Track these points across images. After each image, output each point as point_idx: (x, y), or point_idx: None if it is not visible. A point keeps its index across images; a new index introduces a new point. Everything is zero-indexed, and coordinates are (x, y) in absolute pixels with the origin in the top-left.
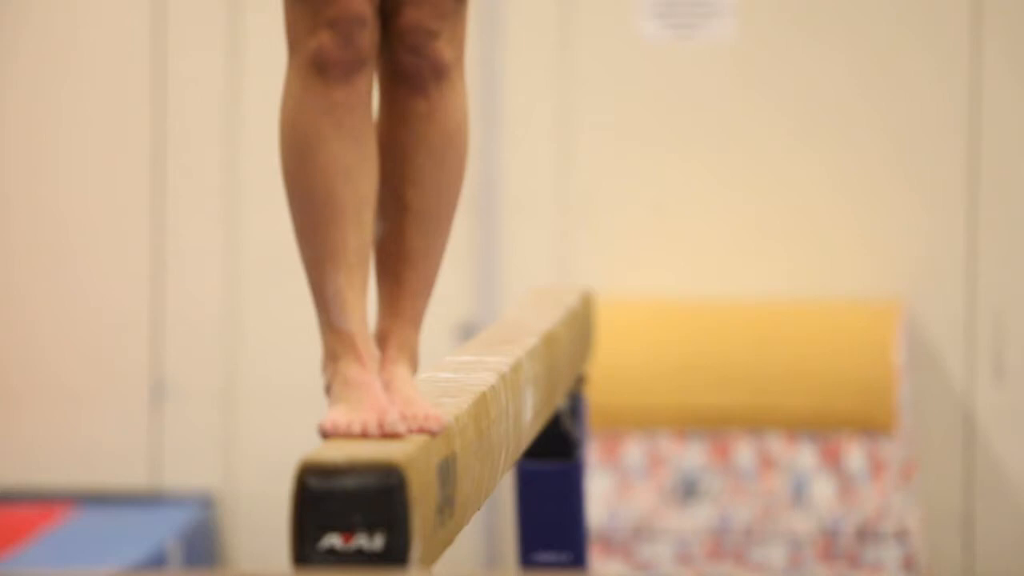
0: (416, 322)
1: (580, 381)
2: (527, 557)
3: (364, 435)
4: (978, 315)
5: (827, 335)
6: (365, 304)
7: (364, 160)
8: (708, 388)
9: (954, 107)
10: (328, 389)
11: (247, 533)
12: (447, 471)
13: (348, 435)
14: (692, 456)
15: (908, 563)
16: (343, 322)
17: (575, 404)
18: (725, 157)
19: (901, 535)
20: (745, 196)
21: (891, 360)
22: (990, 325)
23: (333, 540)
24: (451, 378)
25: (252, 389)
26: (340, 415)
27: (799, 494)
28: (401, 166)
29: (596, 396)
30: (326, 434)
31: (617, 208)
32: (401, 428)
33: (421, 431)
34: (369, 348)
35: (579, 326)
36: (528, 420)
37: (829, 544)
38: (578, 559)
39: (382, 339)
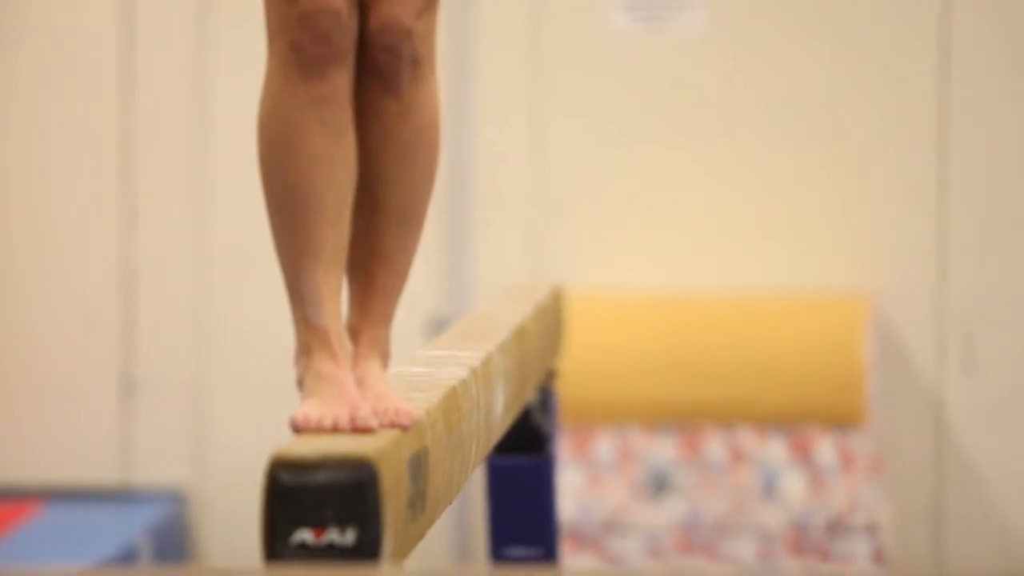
0: (387, 319)
1: (551, 376)
2: (498, 552)
3: (336, 429)
4: (947, 309)
5: (797, 329)
6: (339, 300)
7: (342, 155)
8: (678, 382)
9: (923, 102)
10: (300, 383)
11: (218, 529)
12: (418, 465)
13: (320, 429)
14: (662, 450)
15: (878, 556)
16: (318, 317)
17: (546, 399)
18: (696, 151)
19: (871, 528)
20: (716, 191)
21: (861, 354)
22: (959, 319)
23: (304, 535)
24: (422, 372)
25: (222, 384)
26: (312, 409)
27: (769, 488)
28: (373, 164)
29: (567, 391)
30: (298, 428)
31: (588, 202)
32: (373, 423)
33: (392, 426)
34: (342, 343)
35: (549, 321)
36: (499, 414)
37: (799, 537)
38: (549, 553)
39: (353, 335)
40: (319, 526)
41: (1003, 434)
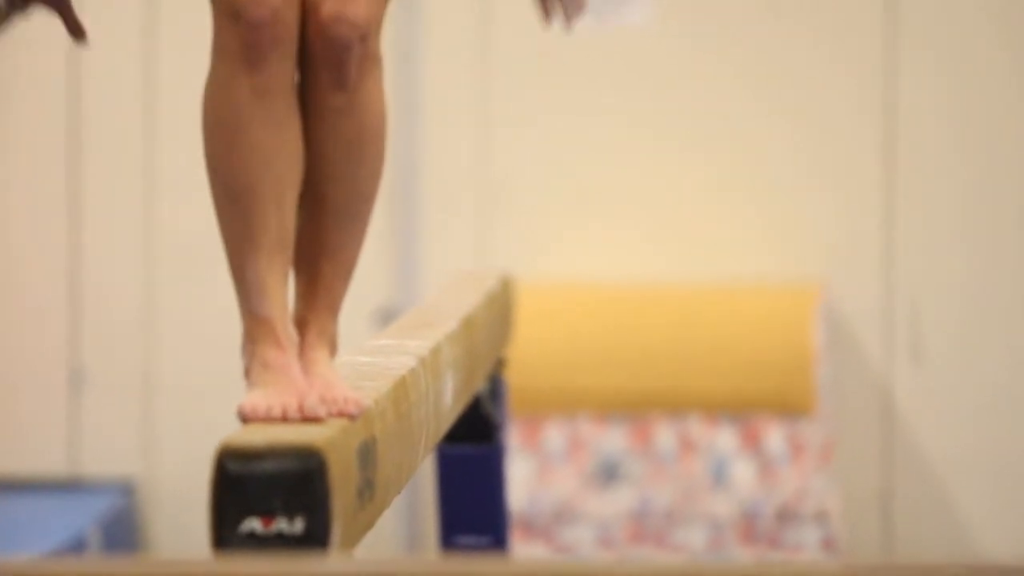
0: (334, 311)
1: (500, 365)
2: (448, 540)
3: (284, 418)
4: (895, 297)
5: (746, 318)
6: (286, 289)
7: (285, 145)
8: (628, 372)
9: (870, 90)
10: (247, 372)
11: (168, 519)
12: (367, 454)
13: (267, 419)
14: (612, 439)
15: (828, 544)
16: (263, 307)
17: (495, 388)
18: (644, 142)
19: (821, 516)
20: (664, 181)
21: (810, 342)
22: (907, 307)
23: (253, 524)
24: (371, 362)
25: (171, 375)
26: (259, 398)
27: (719, 477)
28: (317, 159)
29: (516, 380)
30: (245, 418)
31: (537, 192)
32: (321, 411)
33: (341, 414)
34: (288, 332)
35: (499, 310)
36: (448, 403)
37: (749, 526)
38: (499, 542)
39: (300, 325)
40: (267, 515)
41: (951, 421)
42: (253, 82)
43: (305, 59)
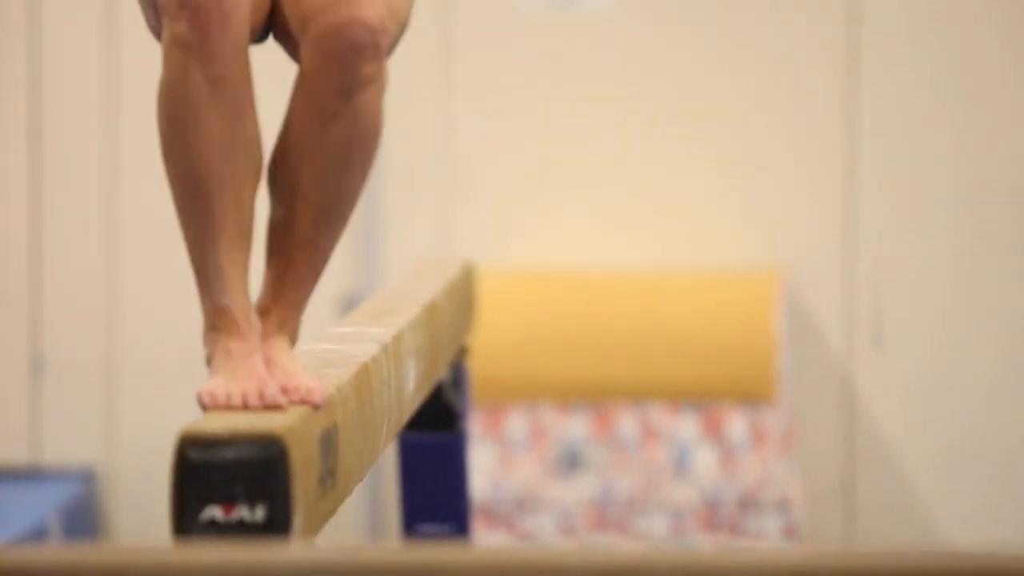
0: (299, 305)
1: (462, 352)
2: (410, 528)
3: (244, 406)
4: (857, 284)
5: (708, 305)
6: (247, 278)
7: (242, 135)
8: (590, 359)
9: (832, 78)
10: (209, 360)
11: (129, 507)
12: (329, 442)
13: (228, 406)
14: (574, 427)
15: (789, 531)
16: (223, 298)
17: (457, 375)
18: (605, 128)
19: (782, 504)
20: (625, 167)
21: (771, 330)
22: (869, 294)
23: (214, 512)
24: (333, 349)
25: (132, 363)
26: (218, 386)
27: (681, 464)
28: (308, 159)
29: (478, 368)
30: (204, 405)
31: (499, 180)
32: (281, 400)
33: (303, 403)
34: (250, 321)
35: (461, 297)
36: (410, 391)
37: (711, 514)
38: (461, 530)
39: (262, 315)
40: (229, 503)
41: (913, 409)
42: (206, 72)
43: (309, 59)
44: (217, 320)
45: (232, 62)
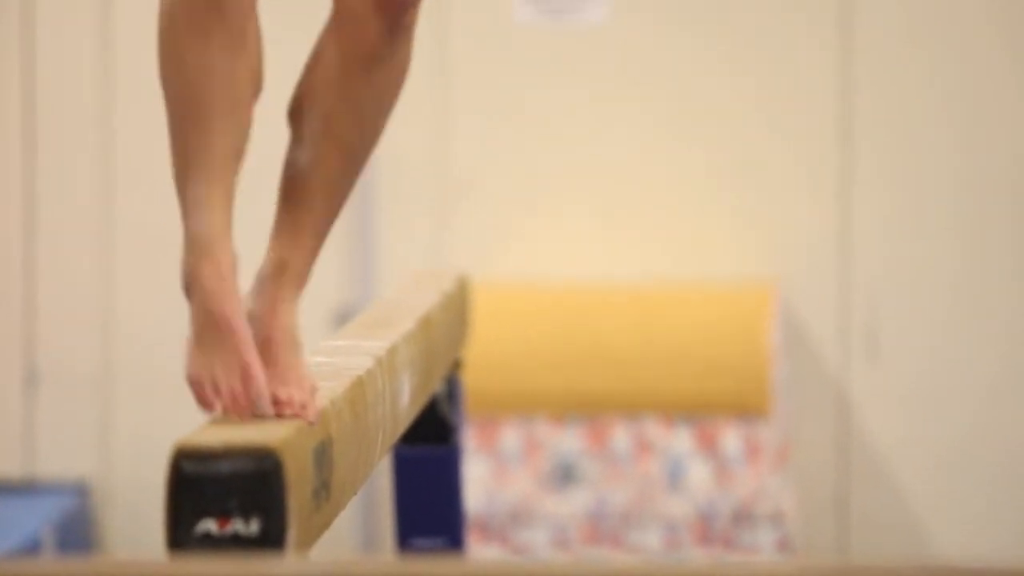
0: (315, 255)
1: (457, 365)
2: (404, 542)
3: (226, 408)
4: (852, 297)
5: (702, 319)
6: (228, 212)
7: (240, 66)
8: (584, 373)
9: (826, 89)
10: (185, 288)
11: (123, 521)
12: (323, 455)
13: (210, 395)
14: (569, 441)
15: (783, 545)
16: (201, 223)
17: (452, 389)
18: (598, 141)
19: (776, 517)
20: (620, 180)
21: (766, 343)
22: (863, 307)
23: (209, 525)
24: (326, 362)
25: (127, 375)
26: (203, 371)
27: (675, 478)
28: (346, 102)
29: (473, 381)
30: (190, 382)
31: (494, 192)
32: (268, 412)
33: (294, 417)
34: (228, 254)
35: (455, 310)
36: (405, 404)
37: (705, 527)
38: (455, 544)
39: (277, 269)
40: (223, 516)
41: (907, 422)
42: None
43: (355, 5)
44: (194, 246)
45: None
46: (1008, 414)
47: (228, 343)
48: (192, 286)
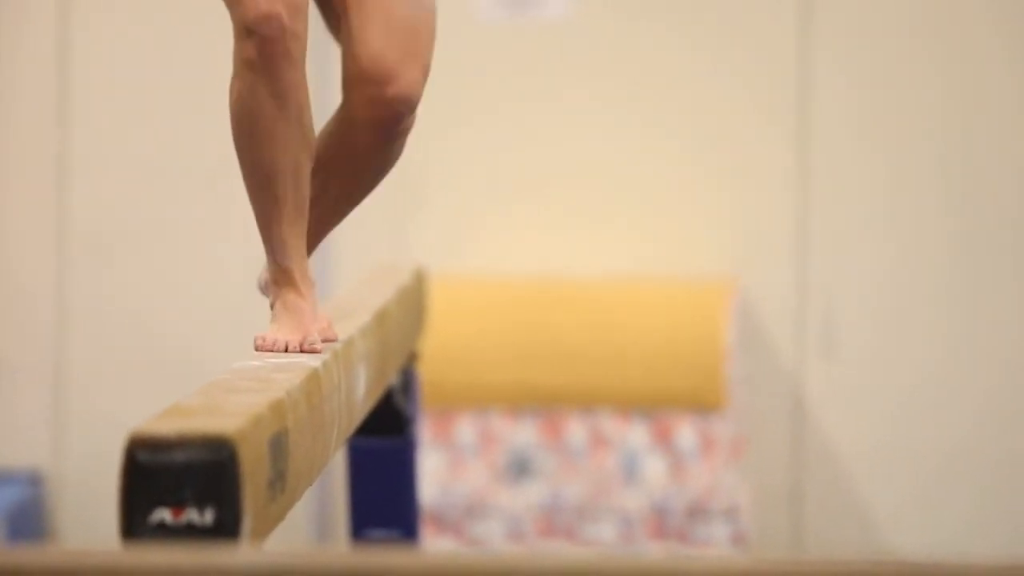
0: (309, 251)
1: (413, 358)
2: (359, 533)
3: (285, 350)
4: (808, 294)
5: (658, 314)
6: (304, 244)
7: (300, 136)
8: (540, 366)
9: (783, 86)
10: (272, 306)
11: (77, 511)
12: (279, 446)
13: (274, 350)
14: (524, 434)
15: (737, 539)
16: (284, 260)
17: (407, 381)
18: (559, 136)
19: (731, 512)
20: (579, 176)
21: (722, 338)
22: (820, 304)
23: (163, 515)
24: (284, 354)
25: (81, 365)
26: (271, 334)
27: (630, 472)
28: (342, 174)
29: (429, 374)
30: (257, 348)
31: (451, 186)
32: (319, 347)
33: (326, 341)
34: (306, 279)
35: (411, 303)
36: (360, 396)
37: (660, 521)
38: (410, 536)
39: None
40: (178, 506)
41: (862, 418)
42: (271, 88)
43: (356, 113)
44: (279, 277)
45: (292, 78)
46: (958, 410)
47: (300, 327)
48: (278, 310)
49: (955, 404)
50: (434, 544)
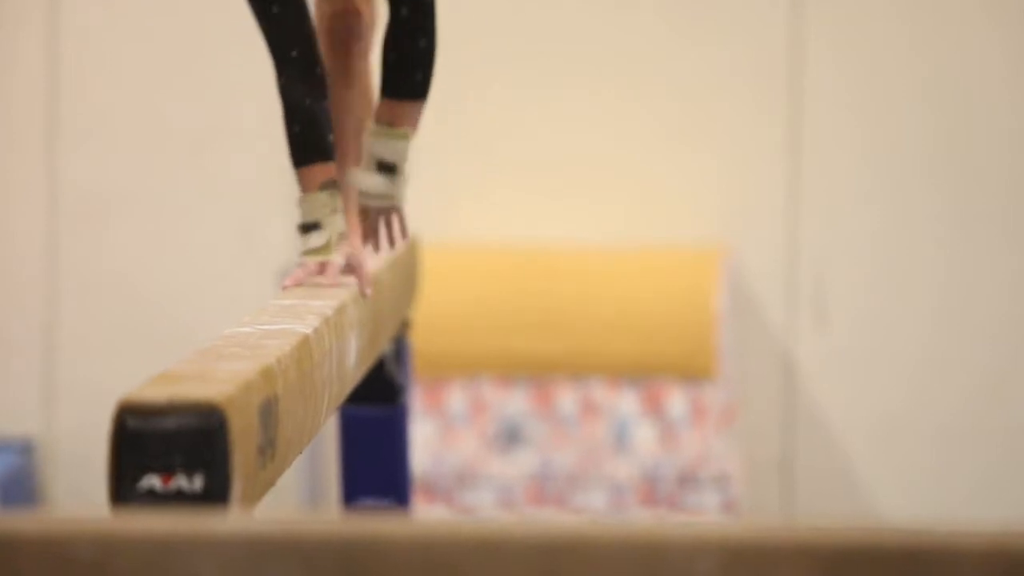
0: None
1: (405, 326)
2: (350, 501)
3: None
4: (799, 261)
5: (649, 281)
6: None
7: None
8: (531, 334)
9: (774, 52)
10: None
11: (68, 478)
12: (269, 412)
13: (296, 283)
14: (515, 402)
15: (728, 507)
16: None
17: (399, 349)
18: (546, 105)
19: (721, 479)
20: (569, 143)
21: (713, 306)
22: (811, 271)
23: (152, 481)
24: (275, 321)
25: (71, 332)
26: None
27: (621, 439)
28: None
29: (420, 343)
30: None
31: (443, 154)
32: (340, 280)
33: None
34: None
35: (404, 271)
36: (352, 364)
37: (650, 489)
38: (401, 504)
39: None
40: (167, 472)
41: (852, 385)
42: (340, 64)
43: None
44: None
45: (361, 49)
46: (949, 379)
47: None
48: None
49: (946, 371)
50: (425, 512)
